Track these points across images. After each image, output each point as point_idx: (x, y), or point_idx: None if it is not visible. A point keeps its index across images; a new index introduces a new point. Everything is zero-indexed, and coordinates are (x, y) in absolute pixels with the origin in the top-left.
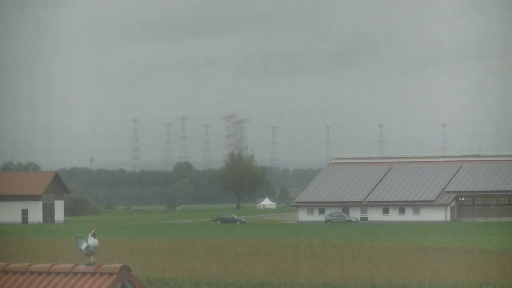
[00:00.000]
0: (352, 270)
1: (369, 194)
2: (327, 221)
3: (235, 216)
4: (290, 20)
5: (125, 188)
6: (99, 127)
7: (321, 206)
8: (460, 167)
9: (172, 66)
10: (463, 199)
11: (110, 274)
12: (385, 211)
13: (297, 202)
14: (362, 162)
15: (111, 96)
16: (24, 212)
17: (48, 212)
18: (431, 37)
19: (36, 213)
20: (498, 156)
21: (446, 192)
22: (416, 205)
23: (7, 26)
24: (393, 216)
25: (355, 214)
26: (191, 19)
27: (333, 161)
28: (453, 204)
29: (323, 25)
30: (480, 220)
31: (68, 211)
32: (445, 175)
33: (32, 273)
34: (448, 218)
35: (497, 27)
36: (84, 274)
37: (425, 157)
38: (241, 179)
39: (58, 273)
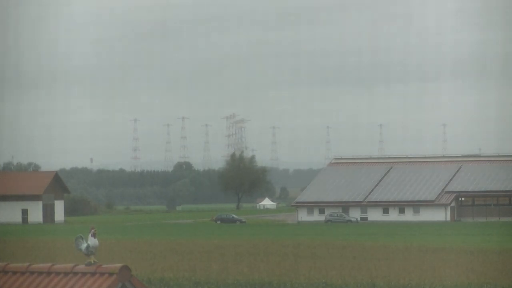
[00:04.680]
0: (352, 270)
1: (369, 194)
2: (327, 221)
3: (235, 216)
4: (289, 20)
5: (125, 188)
6: (99, 127)
7: (321, 206)
8: (460, 167)
9: (171, 66)
10: (463, 199)
11: (110, 274)
12: (385, 211)
13: (297, 202)
14: (362, 162)
15: (111, 96)
16: (24, 212)
17: (48, 212)
18: (431, 36)
19: (36, 213)
20: (498, 156)
21: (446, 192)
22: (416, 205)
23: (7, 24)
24: (393, 216)
25: (355, 214)
26: (191, 17)
27: (333, 161)
28: (453, 204)
29: (321, 25)
30: (480, 220)
31: (68, 211)
32: (445, 175)
33: (32, 273)
34: (448, 218)
35: (498, 28)
36: (84, 274)
37: (425, 157)
38: (241, 179)
39: (58, 273)
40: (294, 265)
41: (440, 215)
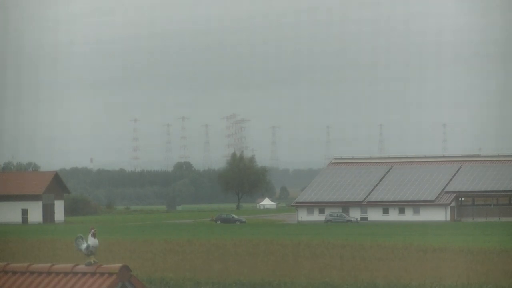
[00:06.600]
0: (352, 270)
1: (369, 194)
2: (327, 221)
3: (235, 216)
4: (289, 20)
5: (125, 188)
6: (99, 127)
7: (321, 206)
8: (460, 167)
9: (171, 66)
10: (463, 199)
11: (110, 274)
12: (385, 211)
13: (297, 202)
14: (362, 162)
15: (111, 96)
16: (24, 212)
17: (48, 212)
18: (432, 37)
19: (36, 213)
20: (498, 156)
21: (446, 192)
22: (416, 205)
23: (7, 25)
24: (393, 216)
25: (355, 214)
26: (191, 17)
27: (333, 161)
28: (453, 204)
29: (321, 25)
30: (480, 220)
31: (68, 211)
32: (445, 175)
33: (32, 273)
34: (448, 218)
35: (498, 27)
36: (84, 274)
37: (425, 157)
38: (241, 179)
39: (58, 273)
40: (294, 265)
41: (440, 215)
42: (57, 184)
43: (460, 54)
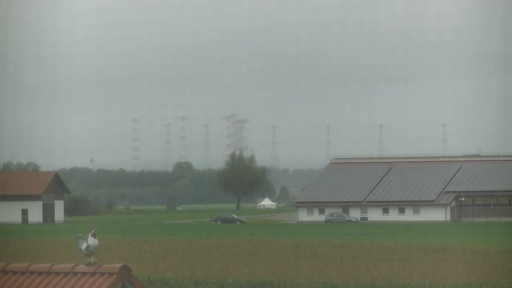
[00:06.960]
0: (352, 270)
1: (369, 194)
2: (327, 221)
3: (235, 216)
4: (289, 20)
5: (125, 188)
6: (99, 127)
7: (321, 206)
8: (460, 167)
9: (171, 65)
10: (463, 199)
11: (110, 274)
12: (385, 211)
13: (297, 202)
14: (362, 162)
15: (111, 96)
16: (24, 212)
17: (48, 212)
18: (432, 37)
19: (36, 213)
20: (498, 156)
21: (446, 192)
22: (416, 205)
23: (8, 25)
24: (393, 216)
25: (355, 214)
26: (191, 17)
27: (333, 161)
28: (453, 204)
29: (321, 25)
30: (480, 220)
31: (68, 211)
32: (445, 175)
33: (32, 273)
34: (448, 218)
35: (498, 27)
36: (84, 274)
37: (425, 157)
38: (241, 179)
39: (58, 273)
40: (294, 265)
41: (440, 215)
42: (57, 184)
43: (460, 54)
